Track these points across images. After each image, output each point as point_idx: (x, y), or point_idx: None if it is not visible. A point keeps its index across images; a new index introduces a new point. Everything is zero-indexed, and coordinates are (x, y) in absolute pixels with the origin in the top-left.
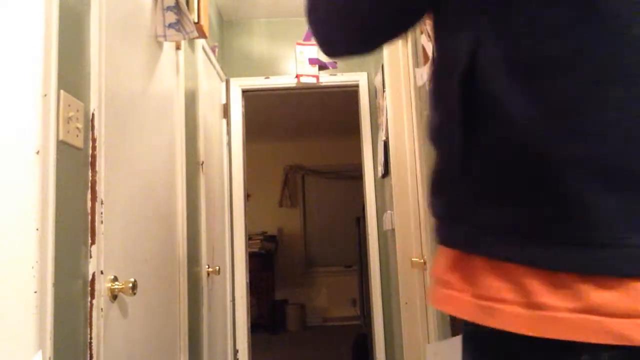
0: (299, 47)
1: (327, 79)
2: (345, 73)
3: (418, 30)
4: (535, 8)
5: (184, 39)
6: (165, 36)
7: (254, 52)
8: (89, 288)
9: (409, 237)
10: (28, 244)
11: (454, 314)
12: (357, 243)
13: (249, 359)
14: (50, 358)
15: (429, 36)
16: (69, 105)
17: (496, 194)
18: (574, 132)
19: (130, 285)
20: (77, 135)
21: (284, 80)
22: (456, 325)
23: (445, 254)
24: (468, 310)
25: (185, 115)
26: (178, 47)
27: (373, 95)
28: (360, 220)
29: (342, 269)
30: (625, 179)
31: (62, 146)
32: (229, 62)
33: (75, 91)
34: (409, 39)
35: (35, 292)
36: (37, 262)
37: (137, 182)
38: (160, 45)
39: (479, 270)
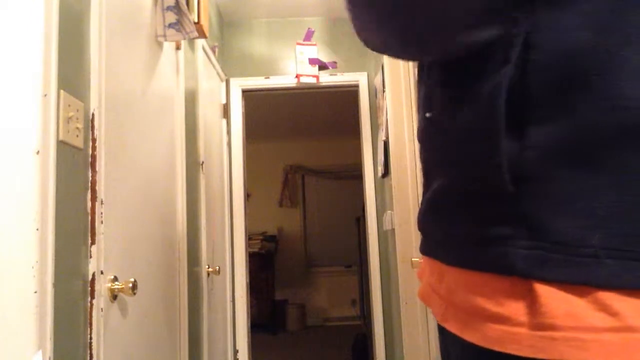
0: (299, 47)
1: (327, 79)
2: (345, 73)
3: None
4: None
5: (184, 39)
6: (165, 36)
7: (254, 52)
8: (89, 288)
9: (409, 237)
10: (28, 244)
11: (519, 353)
12: (357, 243)
13: (249, 359)
14: (50, 358)
15: None
16: (69, 105)
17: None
18: None
19: (130, 285)
20: (77, 135)
21: (284, 80)
22: None
23: (493, 282)
24: (543, 346)
25: (185, 115)
26: (178, 47)
27: (373, 95)
28: (360, 220)
29: (342, 269)
30: None
31: (62, 146)
32: (229, 62)
33: (75, 91)
34: None
35: (35, 292)
36: (37, 262)
37: (137, 182)
38: (160, 45)
39: (549, 298)
